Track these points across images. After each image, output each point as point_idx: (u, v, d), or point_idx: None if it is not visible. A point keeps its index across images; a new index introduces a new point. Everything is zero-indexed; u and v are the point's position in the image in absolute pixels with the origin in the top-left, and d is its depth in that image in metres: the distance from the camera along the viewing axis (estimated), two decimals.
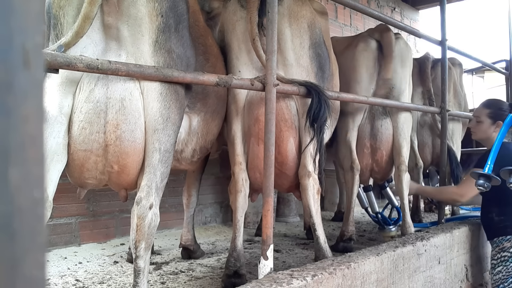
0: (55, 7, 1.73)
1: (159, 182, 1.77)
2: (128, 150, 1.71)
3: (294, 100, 2.31)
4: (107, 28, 1.72)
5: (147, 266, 1.75)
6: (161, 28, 1.75)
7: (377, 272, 2.15)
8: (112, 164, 1.71)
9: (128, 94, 1.70)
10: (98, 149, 1.69)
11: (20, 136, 0.33)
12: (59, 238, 3.08)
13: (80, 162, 1.71)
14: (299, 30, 2.33)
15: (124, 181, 1.79)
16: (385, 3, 6.75)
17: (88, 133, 1.67)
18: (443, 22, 3.47)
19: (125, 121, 1.68)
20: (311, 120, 2.16)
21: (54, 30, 1.75)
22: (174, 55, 1.80)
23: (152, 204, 1.73)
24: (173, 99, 1.79)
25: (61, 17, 1.73)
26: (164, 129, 1.76)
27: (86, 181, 1.79)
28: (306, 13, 2.37)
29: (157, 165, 1.74)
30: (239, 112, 2.33)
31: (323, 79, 2.40)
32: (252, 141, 2.31)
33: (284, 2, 2.31)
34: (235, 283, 2.15)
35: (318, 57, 2.38)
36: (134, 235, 1.72)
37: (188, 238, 2.90)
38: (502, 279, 2.76)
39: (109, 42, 1.74)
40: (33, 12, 0.35)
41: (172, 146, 1.84)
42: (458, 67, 4.44)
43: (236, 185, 2.31)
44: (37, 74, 0.35)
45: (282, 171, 2.35)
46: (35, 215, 0.34)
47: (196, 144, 2.29)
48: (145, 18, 1.73)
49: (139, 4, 1.71)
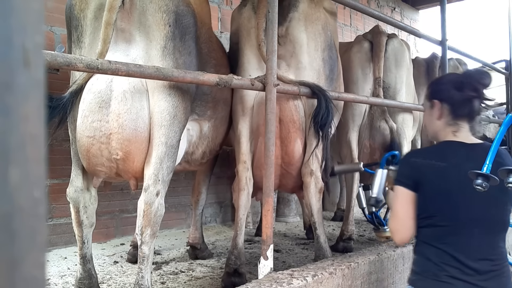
0: (77, 9, 1.90)
1: (165, 175, 1.88)
2: (130, 138, 1.82)
3: (301, 101, 2.33)
4: (120, 32, 1.86)
5: (151, 253, 1.84)
6: (169, 36, 1.89)
7: (377, 272, 2.15)
8: (117, 150, 1.82)
9: (131, 87, 1.83)
10: (101, 136, 1.81)
11: (20, 135, 0.33)
12: (59, 238, 3.08)
13: (85, 148, 1.84)
14: (314, 33, 2.36)
15: (130, 168, 1.89)
16: (385, 3, 6.75)
17: (90, 121, 1.81)
18: (443, 22, 3.47)
19: (127, 111, 1.81)
20: (319, 125, 2.18)
21: (76, 31, 1.92)
22: (181, 61, 1.94)
23: (159, 191, 1.85)
24: (180, 99, 1.93)
25: (82, 19, 1.90)
26: (171, 125, 1.89)
27: (96, 168, 1.90)
28: (320, 15, 2.40)
29: (163, 157, 1.86)
30: (246, 112, 2.36)
31: (332, 81, 2.44)
32: (260, 140, 2.33)
33: (299, 7, 2.34)
34: (235, 283, 2.16)
35: (330, 59, 2.42)
36: (140, 221, 1.82)
37: (196, 236, 2.92)
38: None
39: (120, 44, 1.87)
40: (33, 12, 0.35)
41: (177, 143, 1.95)
42: (465, 67, 4.45)
43: (240, 184, 2.33)
44: (37, 74, 0.35)
45: (288, 171, 2.37)
46: (35, 215, 0.34)
47: (206, 147, 2.40)
48: (153, 26, 1.87)
49: (148, 14, 1.87)
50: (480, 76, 1.68)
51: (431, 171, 1.64)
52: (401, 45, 3.21)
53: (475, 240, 1.61)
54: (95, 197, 2.03)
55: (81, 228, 1.97)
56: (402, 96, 3.16)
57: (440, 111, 1.69)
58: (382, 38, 3.09)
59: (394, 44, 3.16)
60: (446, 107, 1.68)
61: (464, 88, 1.65)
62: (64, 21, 2.09)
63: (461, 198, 1.61)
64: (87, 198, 1.98)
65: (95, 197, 2.03)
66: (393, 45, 3.15)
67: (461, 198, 1.61)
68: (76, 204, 1.95)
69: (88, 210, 1.98)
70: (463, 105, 1.67)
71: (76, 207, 1.95)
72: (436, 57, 4.01)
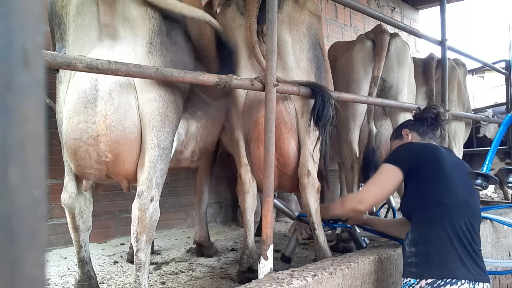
0: (58, 5, 1.82)
1: (159, 178, 1.82)
2: (119, 139, 1.75)
3: (292, 102, 2.34)
4: (104, 27, 1.78)
5: (148, 259, 1.79)
6: (155, 31, 1.81)
7: (377, 272, 2.15)
8: (105, 153, 1.75)
9: (117, 86, 1.75)
10: (88, 138, 1.73)
11: (20, 135, 0.33)
12: (59, 238, 3.08)
13: (72, 150, 1.77)
14: (299, 35, 2.36)
15: (121, 170, 1.83)
16: (385, 3, 6.75)
17: (75, 123, 1.73)
18: (443, 22, 3.47)
19: (114, 112, 1.73)
20: (315, 119, 2.18)
21: (59, 29, 1.84)
22: (168, 58, 1.86)
23: (153, 197, 1.78)
24: (170, 99, 1.86)
25: (64, 16, 1.81)
26: (163, 126, 1.81)
27: (85, 170, 1.83)
28: (305, 17, 2.40)
29: (156, 160, 1.80)
30: (241, 115, 2.37)
31: (320, 79, 2.44)
32: (253, 144, 2.35)
33: (284, 10, 2.35)
34: (250, 278, 2.23)
35: (316, 58, 2.42)
36: (135, 228, 1.76)
37: (202, 234, 2.93)
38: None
39: (104, 40, 1.80)
40: (33, 12, 0.35)
41: (170, 144, 1.89)
42: (462, 67, 4.44)
43: (244, 186, 2.36)
44: (37, 74, 0.35)
45: (285, 172, 2.38)
46: (35, 215, 0.34)
47: (196, 146, 2.35)
48: (137, 20, 1.79)
49: (132, 7, 1.78)
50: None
51: (429, 153, 1.92)
52: (404, 45, 3.20)
53: (466, 225, 1.79)
54: (90, 200, 1.98)
55: (77, 233, 1.94)
56: (404, 96, 3.16)
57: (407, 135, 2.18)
58: (384, 37, 3.07)
59: (397, 43, 3.15)
60: (407, 132, 2.19)
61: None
62: None
63: (454, 179, 1.87)
64: (82, 202, 1.94)
65: (90, 200, 1.98)
66: (396, 44, 3.14)
67: (454, 180, 1.87)
68: (71, 210, 1.90)
69: (84, 214, 1.95)
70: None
71: (71, 213, 1.91)
72: (433, 58, 4.01)
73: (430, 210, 1.81)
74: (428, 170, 1.87)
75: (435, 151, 1.96)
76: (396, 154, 2.00)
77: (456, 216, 1.78)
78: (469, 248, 1.75)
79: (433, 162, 1.89)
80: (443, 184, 1.84)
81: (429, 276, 1.69)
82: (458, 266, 1.69)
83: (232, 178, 4.24)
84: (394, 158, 1.97)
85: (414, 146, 2.02)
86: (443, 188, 1.83)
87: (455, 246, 1.72)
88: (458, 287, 1.65)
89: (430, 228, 1.78)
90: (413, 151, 1.97)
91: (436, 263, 1.70)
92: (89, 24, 1.80)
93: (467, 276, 1.67)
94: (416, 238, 1.81)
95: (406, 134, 2.21)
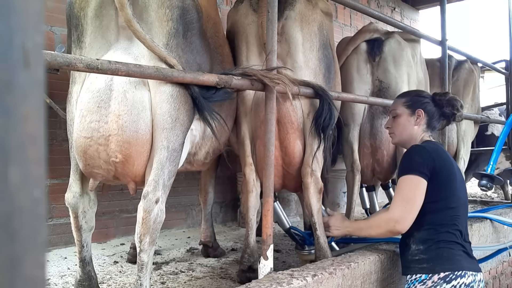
0: (76, 7, 1.84)
1: (166, 180, 1.81)
2: (131, 140, 1.74)
3: (299, 101, 2.33)
4: (122, 29, 1.80)
5: (150, 260, 1.78)
6: (172, 33, 1.83)
7: (377, 272, 2.15)
8: (116, 153, 1.75)
9: (132, 87, 1.75)
10: (99, 137, 1.73)
11: (20, 135, 0.33)
12: (59, 238, 3.08)
13: (82, 149, 1.77)
14: (310, 34, 2.35)
15: (130, 172, 1.82)
16: (385, 3, 6.75)
17: (88, 121, 1.73)
18: (443, 22, 3.47)
19: (127, 112, 1.73)
20: (321, 128, 2.20)
21: (76, 30, 1.86)
22: (183, 59, 1.87)
23: (159, 199, 1.77)
24: (182, 101, 1.84)
25: (82, 18, 1.83)
26: (173, 128, 1.81)
27: (93, 170, 1.83)
28: (316, 16, 2.39)
29: (165, 162, 1.78)
30: (248, 114, 2.37)
31: (329, 79, 2.44)
32: (258, 143, 2.33)
33: (296, 7, 2.34)
34: (250, 277, 2.23)
35: (325, 58, 2.42)
36: (139, 229, 1.75)
37: (207, 235, 2.93)
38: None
39: (121, 42, 1.82)
40: (33, 12, 0.35)
41: (180, 146, 1.88)
42: (478, 69, 4.45)
43: (248, 186, 2.35)
44: (37, 74, 0.35)
45: (289, 172, 2.38)
46: (35, 215, 0.34)
47: (210, 147, 2.34)
48: (155, 22, 1.81)
49: (151, 9, 1.80)
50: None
51: (439, 157, 1.93)
52: (399, 44, 3.18)
53: (465, 223, 1.96)
54: (94, 200, 1.98)
55: (80, 233, 1.94)
56: None
57: (421, 118, 2.10)
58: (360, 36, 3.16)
59: (391, 44, 3.14)
60: (422, 113, 2.10)
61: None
62: (64, 21, 2.08)
63: (457, 182, 1.94)
64: (86, 202, 1.94)
65: (94, 200, 1.98)
66: (389, 45, 3.13)
67: (458, 182, 1.94)
68: (75, 210, 1.90)
69: (87, 214, 1.95)
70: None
71: (75, 212, 1.91)
72: (450, 59, 3.98)
73: (440, 214, 1.92)
74: (443, 178, 1.92)
75: (443, 155, 1.98)
76: (414, 163, 1.92)
77: (460, 217, 1.94)
78: (467, 241, 1.93)
79: (446, 168, 1.93)
80: (453, 191, 1.94)
81: (441, 269, 1.82)
82: (464, 259, 1.85)
83: (232, 178, 4.24)
84: (415, 167, 1.90)
85: (427, 153, 1.94)
86: (453, 195, 1.94)
87: (459, 242, 1.88)
88: (466, 279, 1.80)
89: (440, 229, 1.91)
90: (429, 158, 1.92)
91: (446, 257, 1.84)
92: (107, 26, 1.82)
93: (470, 268, 1.83)
94: (425, 237, 1.92)
95: (419, 116, 2.09)
